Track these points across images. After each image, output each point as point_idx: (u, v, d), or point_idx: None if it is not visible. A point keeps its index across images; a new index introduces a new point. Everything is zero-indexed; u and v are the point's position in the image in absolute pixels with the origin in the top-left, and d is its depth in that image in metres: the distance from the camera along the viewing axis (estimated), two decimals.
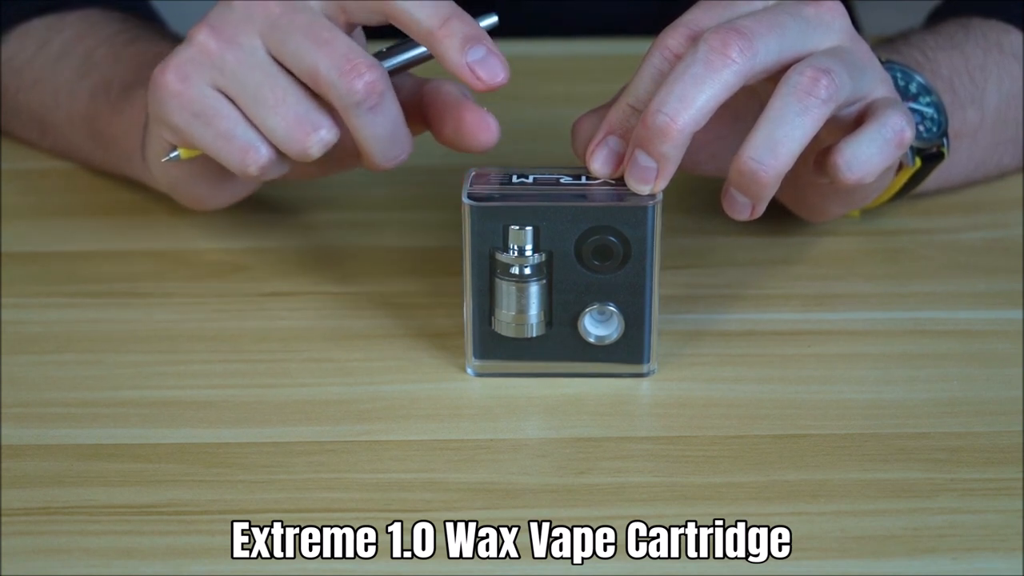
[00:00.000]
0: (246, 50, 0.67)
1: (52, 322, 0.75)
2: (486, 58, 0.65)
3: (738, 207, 0.66)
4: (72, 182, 0.87)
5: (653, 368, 0.70)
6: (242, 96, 0.67)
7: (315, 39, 0.66)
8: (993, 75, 0.82)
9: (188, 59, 0.68)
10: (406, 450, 0.66)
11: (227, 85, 0.68)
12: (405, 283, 0.77)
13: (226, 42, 0.67)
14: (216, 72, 0.67)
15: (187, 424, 0.67)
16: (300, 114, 0.67)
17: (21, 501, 0.63)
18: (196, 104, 0.68)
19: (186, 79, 0.68)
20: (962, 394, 0.69)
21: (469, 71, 0.65)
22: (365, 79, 0.66)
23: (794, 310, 0.75)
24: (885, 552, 0.60)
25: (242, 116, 0.68)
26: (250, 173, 0.68)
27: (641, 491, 0.63)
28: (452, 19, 0.66)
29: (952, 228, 0.82)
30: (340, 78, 0.65)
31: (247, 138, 0.68)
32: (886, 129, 0.66)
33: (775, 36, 0.65)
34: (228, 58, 0.67)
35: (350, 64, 0.66)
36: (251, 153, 0.68)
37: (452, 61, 0.66)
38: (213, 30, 0.68)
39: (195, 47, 0.68)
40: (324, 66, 0.66)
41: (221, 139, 0.68)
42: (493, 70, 0.66)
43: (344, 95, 0.66)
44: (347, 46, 0.66)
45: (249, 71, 0.67)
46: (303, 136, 0.67)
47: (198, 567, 0.60)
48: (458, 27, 0.65)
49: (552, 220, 0.66)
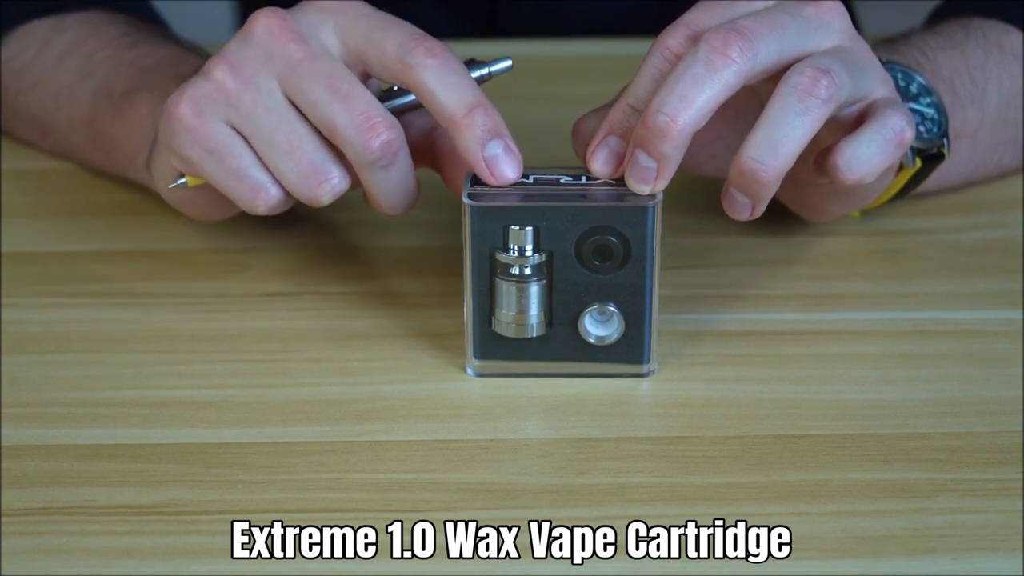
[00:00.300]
0: (263, 92, 0.67)
1: (52, 322, 0.75)
2: (501, 155, 0.66)
3: (738, 207, 0.66)
4: (72, 182, 0.87)
5: (653, 368, 0.70)
6: (256, 137, 0.67)
7: (334, 92, 0.66)
8: (993, 75, 0.82)
9: (204, 94, 0.68)
10: (406, 450, 0.66)
11: (242, 125, 0.67)
12: (405, 283, 0.77)
13: (244, 81, 0.67)
14: (232, 111, 0.67)
15: (187, 424, 0.67)
16: (314, 162, 0.67)
17: (21, 501, 0.63)
18: (209, 141, 0.68)
19: (201, 114, 0.68)
20: (962, 394, 0.69)
21: (484, 165, 0.66)
22: (382, 139, 0.66)
23: (794, 310, 0.75)
24: (885, 552, 0.60)
25: (255, 156, 0.68)
26: (258, 212, 0.69)
27: (641, 491, 0.63)
28: (477, 109, 0.66)
29: (952, 228, 0.82)
30: (357, 136, 0.66)
31: (258, 179, 0.68)
32: (886, 130, 0.66)
33: (775, 36, 0.65)
34: (245, 98, 0.67)
35: (369, 123, 0.66)
36: (261, 194, 0.68)
37: (469, 152, 0.66)
38: (231, 68, 0.67)
39: (212, 83, 0.67)
40: (342, 122, 0.66)
41: (232, 177, 0.68)
42: (505, 169, 0.66)
43: (361, 153, 0.66)
44: (365, 102, 0.66)
45: (265, 113, 0.67)
46: (316, 185, 0.67)
47: (198, 567, 0.60)
48: (481, 120, 0.66)
49: (552, 220, 0.66)
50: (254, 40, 0.67)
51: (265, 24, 0.67)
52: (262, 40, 0.67)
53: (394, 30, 0.67)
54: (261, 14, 0.67)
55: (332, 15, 0.68)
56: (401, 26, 0.67)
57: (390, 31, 0.67)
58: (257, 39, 0.67)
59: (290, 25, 0.67)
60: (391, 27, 0.67)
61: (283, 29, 0.67)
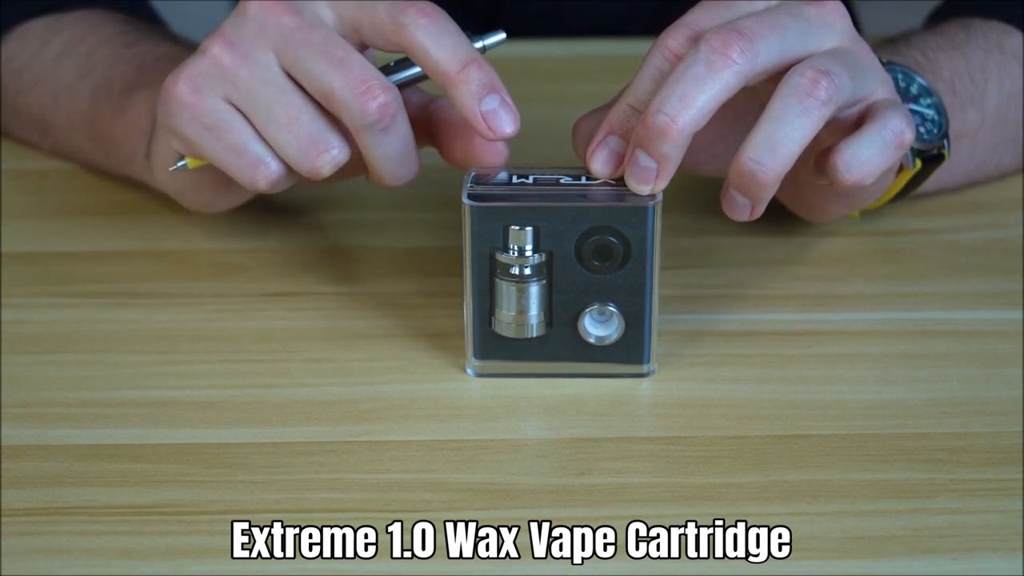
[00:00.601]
0: (260, 65, 0.67)
1: (52, 322, 0.75)
2: (498, 109, 0.66)
3: (737, 208, 0.66)
4: (72, 182, 0.87)
5: (653, 368, 0.70)
6: (254, 111, 0.67)
7: (329, 58, 0.66)
8: (994, 76, 0.82)
9: (201, 71, 0.68)
10: (406, 450, 0.66)
11: (240, 100, 0.68)
12: (405, 283, 0.77)
13: (241, 56, 0.67)
14: (229, 86, 0.67)
15: (187, 424, 0.67)
16: (313, 133, 0.67)
17: (21, 501, 0.63)
18: (208, 117, 0.68)
19: (198, 91, 0.68)
20: (962, 394, 0.69)
21: (481, 119, 0.66)
22: (379, 101, 0.66)
23: (794, 310, 0.75)
24: (885, 552, 0.60)
25: (253, 131, 0.68)
26: (259, 188, 0.69)
27: (641, 491, 0.63)
28: (471, 64, 0.66)
29: (952, 228, 0.82)
30: (354, 99, 0.66)
31: (258, 153, 0.68)
32: (886, 131, 0.66)
33: (776, 37, 0.65)
34: (242, 73, 0.67)
35: (364, 85, 0.66)
36: (261, 168, 0.68)
37: (466, 107, 0.66)
38: (228, 43, 0.67)
39: (209, 59, 0.68)
40: (338, 87, 0.66)
41: (232, 153, 0.68)
42: (503, 122, 0.66)
43: (357, 116, 0.66)
44: (361, 66, 0.66)
45: (263, 87, 0.67)
46: (315, 155, 0.67)
47: (198, 567, 0.60)
48: (476, 74, 0.66)
49: (552, 220, 0.66)
50: (249, 15, 0.68)
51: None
52: (257, 15, 0.67)
53: None
54: None
55: None
56: None
57: None
58: (252, 14, 0.68)
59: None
60: None
61: (277, 3, 0.67)
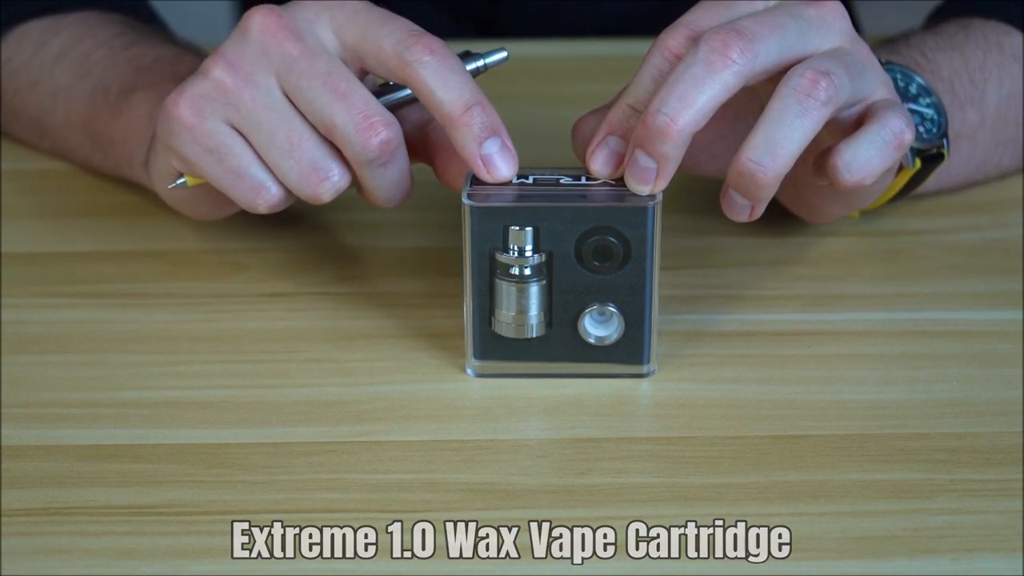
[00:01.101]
0: (262, 90, 0.67)
1: (52, 322, 0.75)
2: (498, 154, 0.66)
3: (737, 208, 0.66)
4: (72, 182, 0.87)
5: (653, 368, 0.70)
6: (256, 136, 0.67)
7: (332, 89, 0.66)
8: (993, 76, 0.82)
9: (203, 93, 0.67)
10: (406, 450, 0.66)
11: (241, 123, 0.67)
12: (405, 283, 0.77)
13: (243, 80, 0.67)
14: (231, 110, 0.67)
15: (187, 424, 0.67)
16: (314, 160, 0.67)
17: (21, 501, 0.63)
18: (209, 140, 0.68)
19: (200, 113, 0.67)
20: (962, 394, 0.69)
21: (480, 163, 0.66)
22: (381, 137, 0.66)
23: (794, 310, 0.75)
24: (885, 552, 0.60)
25: (254, 155, 0.68)
26: (259, 211, 0.69)
27: (641, 491, 0.63)
28: (475, 107, 0.66)
29: (952, 228, 0.82)
30: (356, 135, 0.66)
31: (259, 178, 0.68)
32: (885, 131, 0.66)
33: (776, 37, 0.65)
34: (244, 96, 0.67)
35: (367, 121, 0.66)
36: (262, 193, 0.68)
37: (466, 149, 0.66)
38: (230, 66, 0.67)
39: (211, 82, 0.67)
40: (340, 121, 0.66)
41: (232, 176, 0.68)
42: (501, 167, 0.66)
43: (359, 152, 0.66)
44: (363, 100, 0.66)
45: (264, 111, 0.67)
46: (316, 182, 0.67)
47: (198, 567, 0.60)
48: (478, 118, 0.66)
49: (552, 220, 0.66)
50: (250, 38, 0.67)
51: (261, 22, 0.67)
52: (258, 37, 0.67)
53: (391, 26, 0.67)
54: (256, 11, 0.67)
55: (328, 11, 0.68)
56: (398, 22, 0.67)
57: (386, 27, 0.67)
58: (253, 36, 0.67)
59: (286, 22, 0.67)
60: (387, 23, 0.67)
61: (279, 27, 0.67)
